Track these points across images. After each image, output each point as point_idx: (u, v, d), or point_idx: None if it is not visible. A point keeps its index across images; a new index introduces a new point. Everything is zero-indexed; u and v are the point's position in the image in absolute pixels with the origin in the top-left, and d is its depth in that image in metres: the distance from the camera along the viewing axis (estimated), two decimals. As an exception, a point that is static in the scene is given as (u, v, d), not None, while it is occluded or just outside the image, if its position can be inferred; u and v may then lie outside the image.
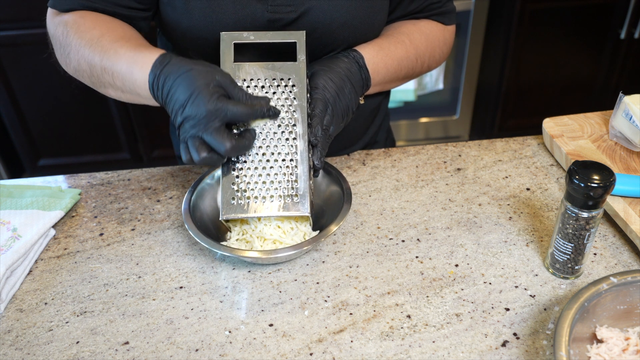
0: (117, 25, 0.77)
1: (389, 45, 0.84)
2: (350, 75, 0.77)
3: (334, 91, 0.74)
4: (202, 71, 0.65)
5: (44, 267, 0.75)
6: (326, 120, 0.73)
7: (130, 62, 0.70)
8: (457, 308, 0.67)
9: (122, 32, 0.76)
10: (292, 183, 0.71)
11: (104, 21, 0.77)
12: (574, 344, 0.57)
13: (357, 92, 0.78)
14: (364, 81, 0.79)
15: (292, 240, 0.72)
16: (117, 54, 0.71)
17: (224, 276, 0.72)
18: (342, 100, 0.75)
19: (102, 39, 0.73)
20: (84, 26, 0.76)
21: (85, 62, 0.74)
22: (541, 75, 2.20)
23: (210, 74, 0.65)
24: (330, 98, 0.73)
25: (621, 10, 2.04)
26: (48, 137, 2.13)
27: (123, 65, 0.71)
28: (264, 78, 0.71)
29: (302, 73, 0.71)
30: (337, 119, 0.75)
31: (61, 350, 0.64)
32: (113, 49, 0.72)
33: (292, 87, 0.71)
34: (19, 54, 1.92)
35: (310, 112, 0.72)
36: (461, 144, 0.96)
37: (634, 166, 0.84)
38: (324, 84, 0.74)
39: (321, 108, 0.72)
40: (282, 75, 0.71)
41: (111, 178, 0.91)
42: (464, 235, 0.77)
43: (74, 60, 0.76)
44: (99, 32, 0.74)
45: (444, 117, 2.44)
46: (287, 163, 0.71)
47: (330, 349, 0.63)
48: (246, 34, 0.72)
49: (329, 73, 0.75)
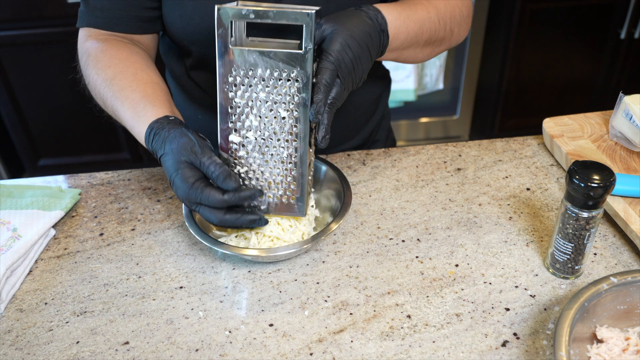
0: (129, 64, 0.78)
1: (409, 5, 0.76)
2: (370, 41, 0.68)
3: (349, 61, 0.66)
4: (171, 155, 0.66)
5: (44, 267, 0.75)
6: (334, 93, 0.66)
7: (132, 116, 0.73)
8: (457, 308, 0.67)
9: (132, 74, 0.77)
10: (290, 185, 0.70)
11: (118, 58, 0.79)
12: (574, 344, 0.57)
13: (373, 59, 0.71)
14: (381, 48, 0.72)
15: (290, 239, 0.72)
16: (123, 105, 0.74)
17: (224, 276, 0.72)
18: (357, 70, 0.68)
19: (114, 81, 0.76)
20: (101, 63, 0.78)
21: (101, 99, 0.79)
22: (541, 75, 2.19)
23: (179, 155, 0.66)
24: (345, 69, 0.66)
25: (621, 10, 2.03)
26: (48, 137, 2.13)
27: (128, 118, 0.74)
28: (264, 68, 0.65)
29: (308, 66, 0.63)
30: (345, 92, 0.68)
31: (61, 350, 0.64)
32: (122, 97, 0.75)
33: (294, 82, 0.65)
34: (19, 54, 1.92)
35: (315, 81, 0.64)
36: (461, 144, 0.96)
37: (634, 166, 0.84)
38: (339, 52, 0.65)
39: (329, 79, 0.64)
40: (285, 67, 0.64)
41: (111, 178, 0.91)
42: (464, 235, 0.77)
43: (92, 91, 0.81)
44: (112, 73, 0.77)
45: (444, 117, 2.44)
46: (285, 165, 0.70)
47: (330, 349, 0.63)
48: (246, 10, 0.63)
49: (349, 39, 0.65)
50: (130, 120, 0.73)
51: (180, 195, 0.67)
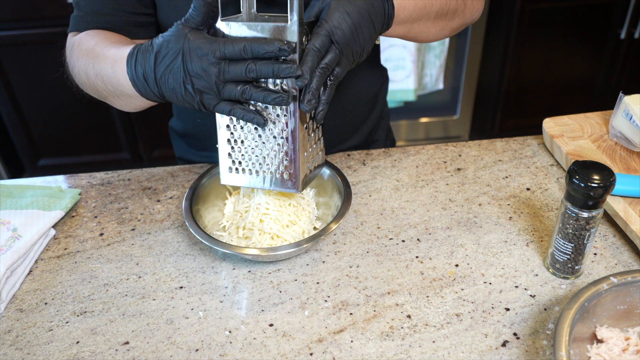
0: (112, 35, 0.78)
1: None
2: (372, 9, 0.65)
3: (347, 28, 0.63)
4: (168, 34, 0.62)
5: (44, 267, 0.75)
6: (328, 59, 0.63)
7: (112, 62, 0.69)
8: (457, 308, 0.67)
9: (116, 39, 0.76)
10: (283, 160, 0.69)
11: (103, 33, 0.78)
12: (574, 344, 0.57)
13: (377, 30, 0.67)
14: (387, 19, 0.68)
15: (290, 237, 0.72)
16: (105, 57, 0.71)
17: (224, 276, 0.72)
18: (358, 40, 0.64)
19: (95, 47, 0.74)
20: (84, 40, 0.77)
21: (84, 73, 0.75)
22: (541, 75, 2.20)
23: (182, 31, 0.62)
24: (341, 36, 0.62)
25: (621, 10, 2.04)
26: (48, 137, 2.13)
27: (108, 68, 0.70)
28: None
29: (294, 37, 0.61)
30: (345, 61, 0.65)
31: (61, 350, 0.64)
32: (102, 54, 0.72)
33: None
34: (19, 54, 1.92)
35: (304, 47, 0.62)
36: (461, 144, 0.96)
37: (634, 166, 0.84)
38: (335, 19, 0.62)
39: (318, 44, 0.61)
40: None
41: (111, 178, 0.91)
42: (464, 235, 0.77)
43: (77, 74, 0.77)
44: (93, 42, 0.75)
45: (444, 117, 2.44)
46: (278, 140, 0.68)
47: (330, 349, 0.63)
48: None
49: (347, 6, 0.63)
50: (110, 68, 0.69)
51: (203, 54, 0.60)
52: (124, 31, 0.82)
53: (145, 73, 0.64)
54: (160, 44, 0.62)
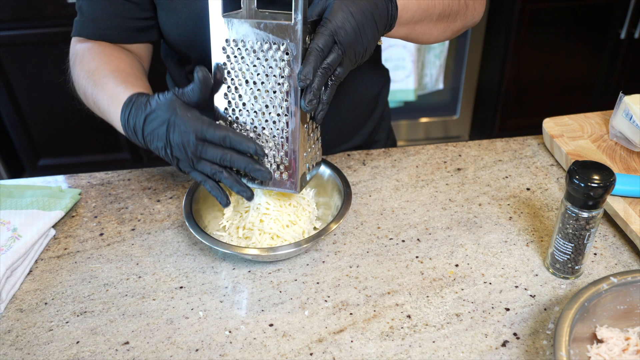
0: (113, 59, 0.79)
1: None
2: (376, 10, 0.65)
3: (351, 29, 0.62)
4: (163, 103, 0.66)
5: (44, 267, 0.75)
6: (331, 59, 0.62)
7: (109, 100, 0.73)
8: (457, 308, 0.67)
9: (115, 65, 0.78)
10: (282, 160, 0.69)
11: (104, 54, 0.80)
12: (574, 344, 0.57)
13: (380, 31, 0.67)
14: (390, 20, 0.68)
15: (290, 237, 0.72)
16: (103, 89, 0.74)
17: (224, 276, 0.72)
18: (361, 41, 0.64)
19: (96, 72, 0.77)
20: (86, 59, 0.80)
21: (83, 93, 0.80)
22: (541, 75, 2.20)
23: (172, 103, 0.65)
24: (345, 36, 0.62)
25: (621, 10, 2.04)
26: (48, 137, 2.13)
27: (105, 104, 0.74)
28: (255, 40, 0.63)
29: (298, 37, 0.61)
30: (347, 62, 0.64)
31: (61, 350, 0.64)
32: (101, 84, 0.75)
33: (284, 54, 0.63)
34: (19, 54, 1.92)
35: (307, 46, 0.62)
36: (461, 144, 0.96)
37: (634, 166, 0.84)
38: (339, 19, 0.62)
39: (321, 44, 0.61)
40: (275, 40, 0.63)
41: (111, 178, 0.91)
42: (464, 235, 0.77)
43: (78, 89, 0.82)
44: (95, 65, 0.78)
45: (444, 117, 2.44)
46: (277, 140, 0.68)
47: (330, 349, 0.63)
48: None
49: (351, 7, 0.62)
50: (107, 105, 0.73)
51: (185, 130, 0.64)
52: (125, 37, 0.83)
53: (135, 127, 0.68)
54: (153, 108, 0.66)
